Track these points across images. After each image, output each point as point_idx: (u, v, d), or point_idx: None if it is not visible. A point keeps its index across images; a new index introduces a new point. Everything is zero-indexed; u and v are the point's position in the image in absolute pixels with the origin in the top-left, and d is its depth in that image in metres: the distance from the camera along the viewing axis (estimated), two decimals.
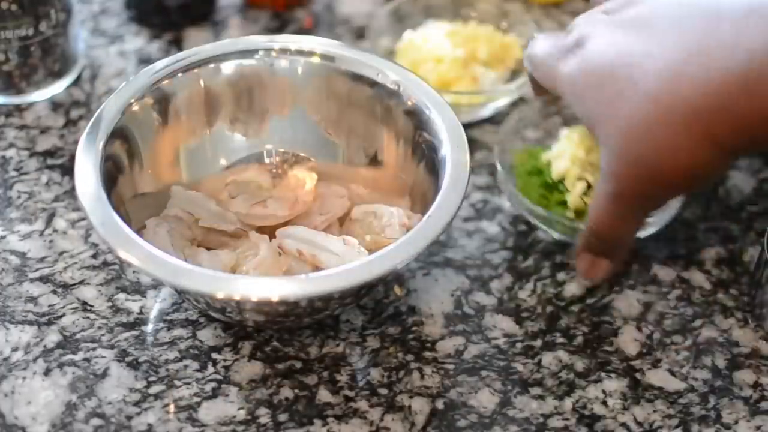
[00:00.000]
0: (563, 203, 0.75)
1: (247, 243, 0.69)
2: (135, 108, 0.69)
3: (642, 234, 0.74)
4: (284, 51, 0.73)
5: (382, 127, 0.73)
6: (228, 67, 0.73)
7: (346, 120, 0.75)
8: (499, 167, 0.76)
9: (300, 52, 0.74)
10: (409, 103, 0.71)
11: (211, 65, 0.73)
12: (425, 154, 0.70)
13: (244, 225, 0.71)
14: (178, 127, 0.73)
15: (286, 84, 0.74)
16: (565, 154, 0.76)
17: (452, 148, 0.67)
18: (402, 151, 0.73)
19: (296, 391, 0.66)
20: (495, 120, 0.85)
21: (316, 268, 0.66)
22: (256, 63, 0.73)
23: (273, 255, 0.67)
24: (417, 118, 0.71)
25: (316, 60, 0.73)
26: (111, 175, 0.66)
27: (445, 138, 0.68)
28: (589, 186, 0.74)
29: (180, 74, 0.71)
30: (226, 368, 0.68)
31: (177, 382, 0.67)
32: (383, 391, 0.67)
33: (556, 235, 0.76)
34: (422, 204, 0.69)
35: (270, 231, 0.70)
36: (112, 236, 0.60)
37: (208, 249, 0.69)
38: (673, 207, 0.74)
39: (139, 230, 0.67)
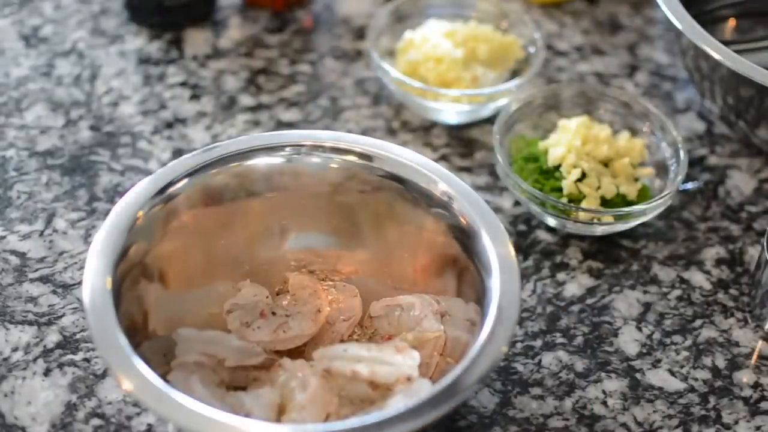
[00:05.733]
0: (558, 189, 0.76)
1: (282, 373, 0.62)
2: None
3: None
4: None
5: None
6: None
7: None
8: (497, 146, 0.77)
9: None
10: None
11: None
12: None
13: (270, 352, 0.64)
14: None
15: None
16: (562, 142, 0.78)
17: (490, 236, 0.62)
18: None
19: None
20: (495, 120, 0.85)
21: (372, 383, 0.60)
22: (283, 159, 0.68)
23: (322, 381, 0.60)
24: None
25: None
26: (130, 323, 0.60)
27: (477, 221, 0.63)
28: (583, 174, 0.75)
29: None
30: None
31: None
32: None
33: (550, 221, 0.76)
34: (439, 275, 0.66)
35: (295, 350, 0.65)
36: (167, 408, 0.54)
37: (240, 389, 0.63)
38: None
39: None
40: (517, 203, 0.80)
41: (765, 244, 0.70)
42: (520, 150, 0.80)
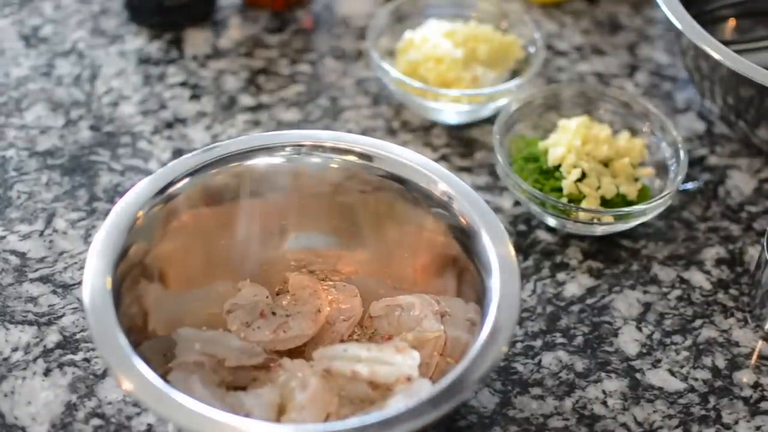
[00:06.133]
0: (558, 189, 0.76)
1: (282, 373, 0.62)
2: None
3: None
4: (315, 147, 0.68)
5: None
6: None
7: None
8: (497, 145, 0.77)
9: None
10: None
11: None
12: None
13: (270, 352, 0.64)
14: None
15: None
16: (562, 142, 0.78)
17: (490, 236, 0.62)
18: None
19: None
20: (495, 120, 0.85)
21: (372, 383, 0.60)
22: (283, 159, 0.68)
23: (322, 381, 0.60)
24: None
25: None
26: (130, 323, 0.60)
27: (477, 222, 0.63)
28: (583, 174, 0.76)
29: None
30: None
31: None
32: None
33: (550, 221, 0.76)
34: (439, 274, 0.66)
35: (295, 350, 0.65)
36: (167, 408, 0.54)
37: (240, 389, 0.63)
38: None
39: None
40: (517, 203, 0.80)
41: (765, 244, 0.70)
42: (520, 150, 0.80)
